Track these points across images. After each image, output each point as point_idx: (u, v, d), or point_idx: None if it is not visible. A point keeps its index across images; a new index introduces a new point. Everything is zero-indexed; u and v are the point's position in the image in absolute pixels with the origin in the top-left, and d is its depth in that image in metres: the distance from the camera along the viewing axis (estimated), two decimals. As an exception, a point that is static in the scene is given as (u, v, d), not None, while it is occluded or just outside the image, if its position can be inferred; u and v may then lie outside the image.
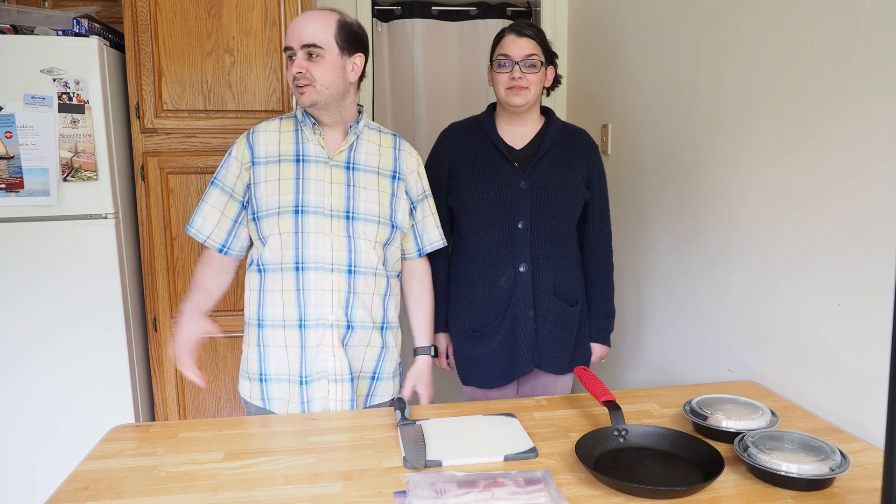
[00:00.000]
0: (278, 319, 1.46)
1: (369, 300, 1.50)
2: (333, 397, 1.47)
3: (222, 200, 1.50)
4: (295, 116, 1.52)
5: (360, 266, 1.48)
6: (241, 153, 1.49)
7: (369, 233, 1.48)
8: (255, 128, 1.52)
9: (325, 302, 1.45)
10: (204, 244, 1.52)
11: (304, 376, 1.47)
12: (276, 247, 1.45)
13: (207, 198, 1.51)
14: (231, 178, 1.49)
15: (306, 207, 1.44)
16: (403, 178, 1.56)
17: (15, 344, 2.06)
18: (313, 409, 1.47)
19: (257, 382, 1.50)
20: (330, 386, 1.46)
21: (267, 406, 1.49)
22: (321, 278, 1.45)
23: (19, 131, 1.97)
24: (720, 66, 1.70)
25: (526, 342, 1.69)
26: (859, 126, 1.24)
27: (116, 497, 1.07)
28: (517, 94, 1.64)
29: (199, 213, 1.51)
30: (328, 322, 1.45)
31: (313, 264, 1.45)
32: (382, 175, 1.52)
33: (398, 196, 1.54)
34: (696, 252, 1.84)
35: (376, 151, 1.53)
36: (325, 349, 1.46)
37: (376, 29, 2.96)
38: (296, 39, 1.40)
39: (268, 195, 1.45)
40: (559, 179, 1.67)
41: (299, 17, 1.42)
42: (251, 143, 1.49)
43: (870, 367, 1.24)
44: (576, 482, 1.09)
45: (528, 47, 1.63)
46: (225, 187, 1.50)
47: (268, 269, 1.47)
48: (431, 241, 1.64)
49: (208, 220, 1.50)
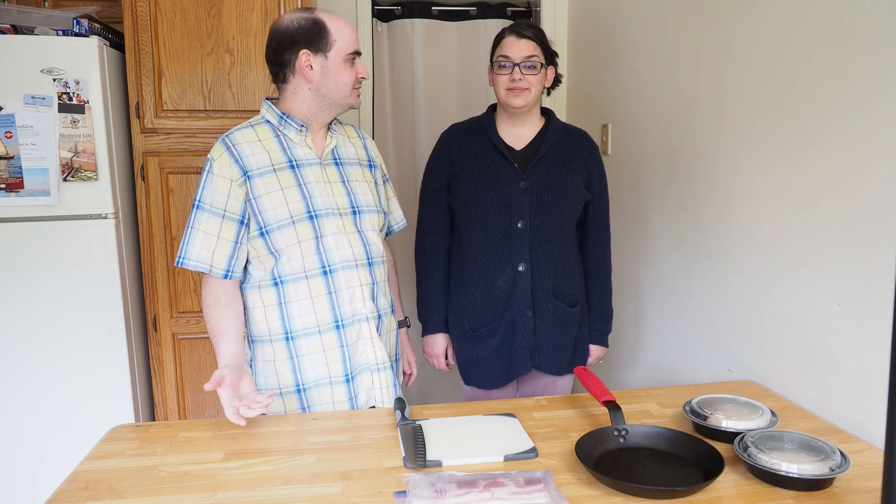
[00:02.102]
0: (312, 327, 1.45)
1: (385, 287, 1.57)
2: (378, 386, 1.50)
3: (215, 223, 1.39)
4: (267, 122, 1.47)
5: (374, 257, 1.53)
6: (226, 169, 1.39)
7: (374, 223, 1.53)
8: (231, 140, 1.42)
9: (357, 298, 1.48)
10: (209, 273, 1.41)
11: (349, 373, 1.48)
12: (296, 256, 1.42)
13: (197, 224, 1.39)
14: (220, 199, 1.39)
15: (318, 211, 1.43)
16: (376, 164, 1.62)
17: (15, 344, 2.06)
18: (360, 403, 1.49)
19: (294, 395, 1.47)
20: (373, 376, 1.50)
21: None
22: (350, 276, 1.46)
23: (19, 131, 1.97)
24: (720, 66, 1.70)
25: (525, 342, 1.69)
26: (859, 126, 1.24)
27: (116, 497, 1.07)
28: (517, 95, 1.64)
29: (193, 243, 1.39)
30: (363, 316, 1.48)
31: (340, 265, 1.45)
32: (363, 166, 1.58)
33: (378, 182, 1.61)
34: (696, 252, 1.84)
35: (349, 143, 1.58)
36: (365, 342, 1.49)
37: (376, 29, 2.96)
38: (358, 43, 1.46)
39: (274, 206, 1.40)
40: (559, 180, 1.67)
41: (346, 20, 1.45)
42: (237, 156, 1.40)
43: (870, 367, 1.24)
44: (576, 482, 1.09)
45: (528, 48, 1.63)
46: (214, 209, 1.39)
47: (288, 280, 1.43)
48: (397, 221, 1.72)
49: (206, 248, 1.39)
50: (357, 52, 1.45)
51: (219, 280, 1.42)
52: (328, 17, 1.42)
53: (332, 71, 1.42)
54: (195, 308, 2.25)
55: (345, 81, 1.44)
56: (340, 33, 1.42)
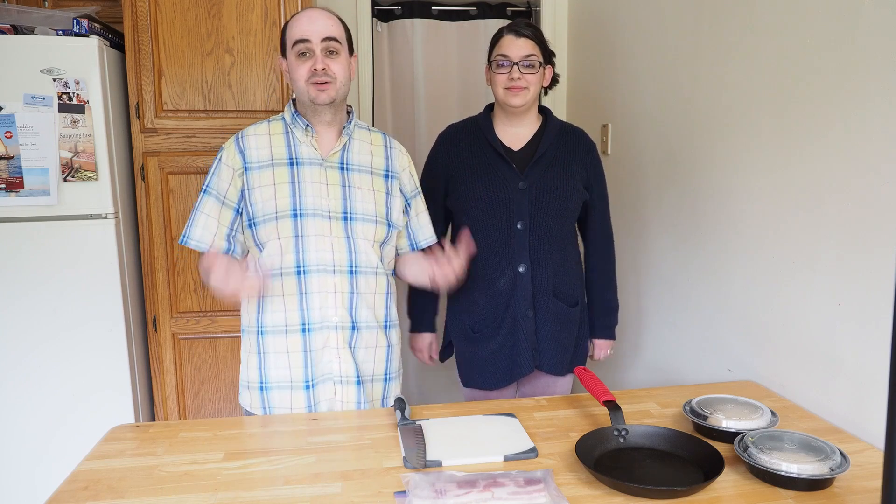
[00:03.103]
0: (280, 325, 1.45)
1: (372, 299, 1.50)
2: (340, 399, 1.47)
3: (217, 208, 1.45)
4: (283, 118, 1.50)
5: (361, 266, 1.48)
6: (231, 159, 1.45)
7: (368, 232, 1.48)
8: (244, 132, 1.49)
9: (328, 304, 1.45)
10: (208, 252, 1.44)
11: (310, 380, 1.46)
12: (275, 252, 1.43)
13: (201, 206, 1.46)
14: (223, 185, 1.45)
15: (304, 210, 1.43)
16: (397, 175, 1.56)
17: (15, 344, 2.06)
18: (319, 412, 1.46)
19: (258, 391, 1.48)
20: (336, 388, 1.46)
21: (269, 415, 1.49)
22: (324, 281, 1.44)
23: (19, 131, 1.97)
24: (720, 66, 1.70)
25: (526, 343, 1.69)
26: (859, 126, 1.24)
27: (116, 497, 1.07)
28: (516, 94, 1.64)
29: (195, 224, 1.45)
30: (332, 324, 1.45)
31: (315, 267, 1.44)
32: (376, 174, 1.52)
33: (392, 194, 1.54)
34: (696, 252, 1.84)
35: (368, 150, 1.54)
36: (330, 351, 1.45)
37: (376, 29, 2.96)
38: (314, 32, 1.38)
39: (263, 200, 1.43)
40: (557, 180, 1.67)
41: (309, 12, 1.41)
42: (241, 147, 1.46)
43: (870, 367, 1.24)
44: (576, 482, 1.09)
45: (526, 47, 1.63)
46: (218, 195, 1.45)
47: (265, 274, 1.45)
48: (426, 238, 1.64)
49: (207, 229, 1.45)
50: (303, 41, 1.38)
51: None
52: (294, 16, 1.42)
53: (291, 69, 1.43)
54: (195, 308, 2.25)
55: (298, 77, 1.42)
56: (291, 28, 1.41)
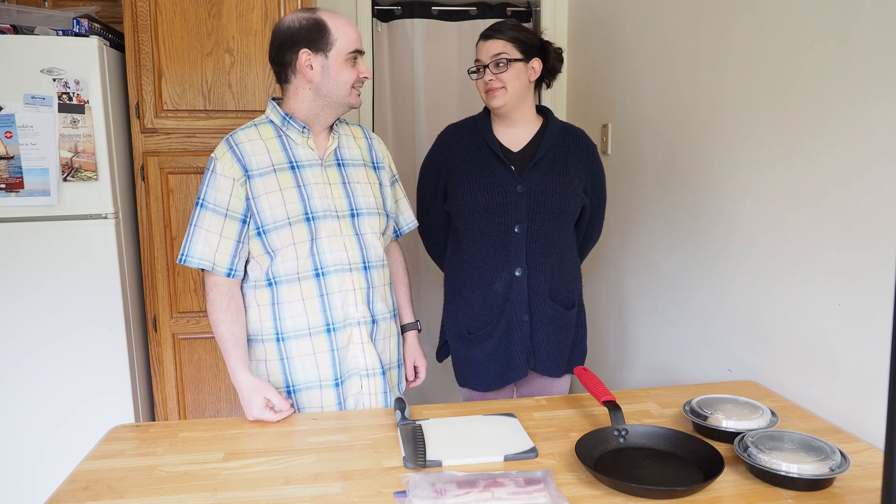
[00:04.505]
0: (303, 328, 1.45)
1: (383, 291, 1.55)
2: (367, 391, 1.49)
3: (217, 222, 1.40)
4: (271, 122, 1.48)
5: (372, 260, 1.51)
6: (229, 169, 1.41)
7: (373, 226, 1.52)
8: (234, 139, 1.44)
9: (349, 302, 1.47)
10: (212, 271, 1.41)
11: (339, 377, 1.48)
12: (290, 257, 1.43)
13: (200, 222, 1.40)
14: (223, 197, 1.40)
15: (315, 213, 1.44)
16: (382, 165, 1.61)
17: (15, 344, 2.06)
18: (348, 408, 1.49)
19: (285, 396, 1.47)
20: (362, 381, 1.49)
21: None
22: (343, 280, 1.46)
23: (19, 131, 1.97)
24: (720, 66, 1.70)
25: (521, 346, 1.68)
26: (859, 125, 1.24)
27: (116, 497, 1.07)
28: (494, 96, 1.64)
29: (196, 240, 1.40)
30: (354, 320, 1.48)
31: (333, 268, 1.45)
32: (367, 166, 1.56)
33: (384, 184, 1.59)
34: (696, 252, 1.84)
35: (354, 144, 1.57)
36: (355, 347, 1.48)
37: (376, 29, 2.96)
38: (360, 43, 1.45)
39: (272, 207, 1.41)
40: (556, 183, 1.66)
41: (348, 20, 1.45)
42: (239, 156, 1.42)
43: (870, 367, 1.24)
44: (576, 482, 1.09)
45: (495, 48, 1.62)
46: (217, 208, 1.40)
47: (281, 280, 1.44)
48: (408, 222, 1.71)
49: (209, 245, 1.40)
50: (359, 52, 1.45)
51: (223, 279, 1.43)
52: (329, 17, 1.42)
53: (333, 70, 1.42)
54: (195, 308, 2.25)
55: (345, 81, 1.43)
56: (341, 32, 1.42)
